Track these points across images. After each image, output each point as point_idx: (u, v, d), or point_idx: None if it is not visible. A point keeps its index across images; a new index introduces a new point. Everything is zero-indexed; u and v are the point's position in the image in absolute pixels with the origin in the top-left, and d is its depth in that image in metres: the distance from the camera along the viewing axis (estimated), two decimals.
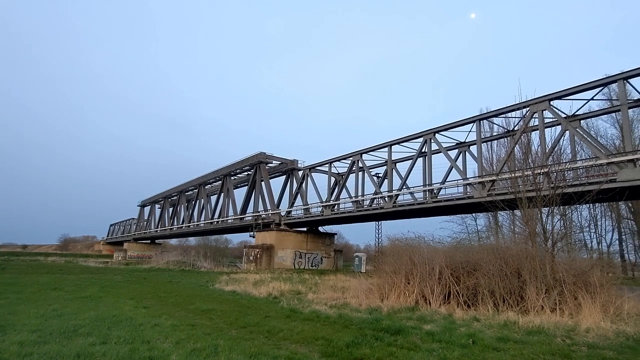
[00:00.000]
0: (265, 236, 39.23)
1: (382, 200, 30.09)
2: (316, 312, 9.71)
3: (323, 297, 12.88)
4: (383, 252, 17.40)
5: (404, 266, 11.75)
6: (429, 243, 12.98)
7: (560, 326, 7.97)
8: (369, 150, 32.41)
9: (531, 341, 6.83)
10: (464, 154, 28.68)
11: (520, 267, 10.22)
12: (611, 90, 23.75)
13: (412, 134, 28.33)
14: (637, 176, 16.57)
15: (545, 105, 20.12)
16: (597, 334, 7.33)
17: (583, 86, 19.41)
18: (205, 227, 53.81)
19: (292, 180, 42.97)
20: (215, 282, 19.01)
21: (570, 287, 9.62)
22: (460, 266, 11.03)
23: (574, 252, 13.34)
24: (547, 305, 9.37)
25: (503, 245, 12.11)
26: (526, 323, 8.20)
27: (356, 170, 33.45)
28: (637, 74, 17.85)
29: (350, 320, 8.56)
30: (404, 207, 28.14)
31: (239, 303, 11.71)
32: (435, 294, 10.73)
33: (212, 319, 8.59)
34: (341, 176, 38.35)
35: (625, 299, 9.76)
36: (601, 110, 22.70)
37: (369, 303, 11.05)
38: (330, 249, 41.59)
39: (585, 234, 34.57)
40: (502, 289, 10.02)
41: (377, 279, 13.09)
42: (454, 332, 7.43)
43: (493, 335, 7.20)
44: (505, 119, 26.77)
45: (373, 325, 7.86)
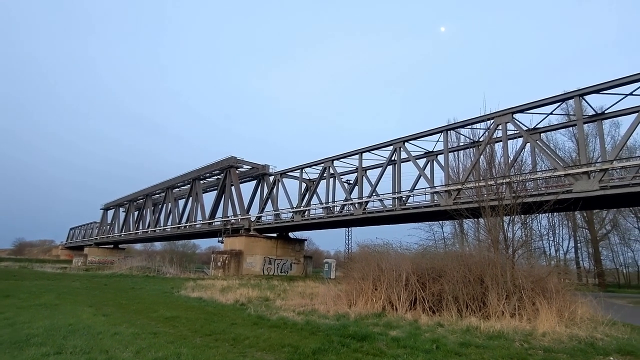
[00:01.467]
0: (234, 242, 38.64)
1: (353, 206, 30.36)
2: (284, 319, 9.65)
3: (291, 303, 12.81)
4: (352, 259, 17.53)
5: (371, 272, 11.88)
6: (397, 250, 13.20)
7: (519, 331, 8.27)
8: (340, 157, 32.71)
9: (491, 346, 7.05)
10: (432, 163, 29.44)
11: (483, 274, 10.55)
12: (569, 105, 25.10)
13: (383, 142, 28.84)
14: (591, 187, 17.56)
15: (509, 118, 21.02)
16: (553, 338, 7.65)
17: (543, 101, 20.45)
18: (172, 231, 52.40)
19: (263, 185, 42.64)
20: (180, 289, 18.52)
21: (528, 293, 10.01)
22: (426, 272, 11.26)
23: (533, 259, 13.88)
24: (507, 310, 9.70)
25: (467, 252, 12.47)
26: (487, 328, 8.45)
27: (327, 177, 33.65)
28: (592, 91, 19.01)
29: (317, 327, 8.55)
30: (373, 213, 28.52)
31: (205, 310, 11.47)
32: (402, 300, 10.90)
33: (176, 327, 8.36)
34: (312, 182, 38.43)
35: (578, 304, 10.24)
36: (559, 124, 23.96)
37: (336, 309, 11.08)
38: (300, 255, 41.46)
39: (544, 241, 36.29)
40: (466, 295, 10.30)
41: (345, 285, 13.15)
42: (418, 337, 7.57)
43: (456, 341, 7.38)
44: (471, 130, 27.80)
45: (340, 332, 7.89)
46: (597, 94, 19.38)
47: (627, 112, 20.35)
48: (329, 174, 33.51)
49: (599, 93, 19.17)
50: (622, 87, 18.63)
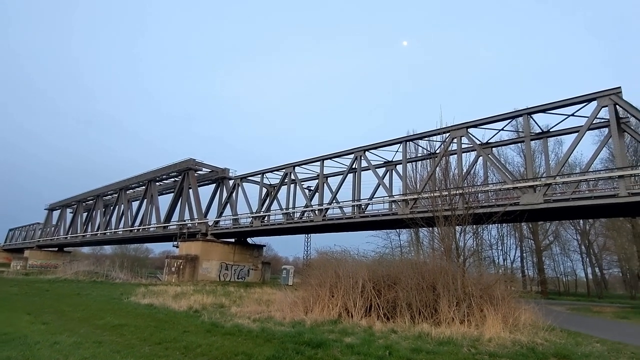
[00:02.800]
0: (190, 246, 37.51)
1: (313, 213, 30.43)
2: (238, 326, 9.47)
3: (247, 310, 12.61)
4: (310, 265, 17.54)
5: (329, 279, 11.95)
6: (354, 257, 13.35)
7: (467, 336, 8.61)
8: (302, 164, 32.76)
9: (441, 351, 7.29)
10: (391, 172, 30.15)
11: (435, 282, 10.91)
12: (518, 122, 26.66)
13: (344, 150, 29.23)
14: (536, 200, 18.71)
15: (463, 132, 22.01)
16: (498, 343, 8.03)
17: (495, 117, 21.62)
18: (124, 235, 50.00)
19: (222, 189, 41.79)
20: (130, 295, 17.69)
21: (477, 300, 10.46)
22: (382, 280, 11.48)
23: (482, 267, 14.55)
24: (457, 317, 10.08)
25: (421, 260, 12.86)
26: (438, 334, 8.74)
27: (288, 183, 33.55)
28: (539, 110, 20.37)
29: (272, 334, 8.46)
30: (333, 221, 28.73)
31: (156, 317, 11.02)
32: (358, 307, 11.03)
33: (123, 335, 7.98)
34: (273, 187, 38.18)
35: (522, 310, 10.84)
36: (509, 140, 25.42)
37: (293, 316, 11.03)
38: (258, 261, 40.91)
39: (494, 251, 38.14)
40: (419, 302, 10.60)
41: (302, 292, 13.13)
42: (372, 344, 7.68)
43: (408, 347, 7.57)
44: (429, 142, 28.76)
45: (295, 339, 7.85)
46: (544, 113, 20.78)
47: (569, 132, 21.96)
48: (290, 179, 33.44)
49: (545, 112, 20.56)
50: (565, 108, 20.08)
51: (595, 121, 19.18)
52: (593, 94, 18.63)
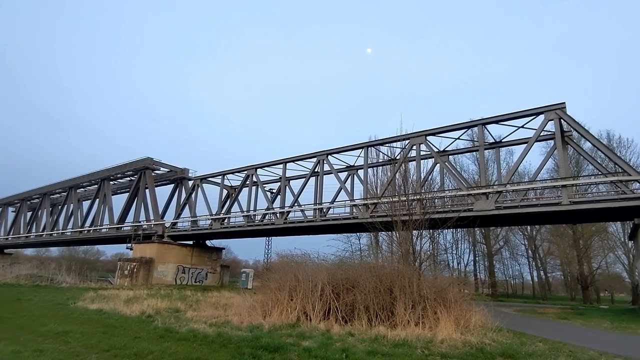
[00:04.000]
0: (144, 249, 36.06)
1: (274, 216, 30.25)
2: (194, 331, 9.21)
3: (203, 314, 12.31)
4: (270, 269, 17.40)
5: (288, 283, 11.91)
6: (314, 260, 13.40)
7: (421, 338, 8.86)
8: (265, 166, 32.52)
9: (396, 353, 7.46)
10: (352, 176, 30.57)
11: (392, 285, 11.16)
12: (473, 132, 27.93)
13: (307, 154, 29.32)
14: (488, 207, 19.65)
15: (422, 140, 22.76)
16: (450, 345, 8.32)
17: (452, 126, 22.53)
18: (73, 236, 47.26)
19: (180, 190, 40.60)
20: (78, 300, 16.75)
21: (431, 303, 10.80)
22: (341, 283, 11.59)
23: (438, 271, 15.05)
24: (412, 319, 10.36)
25: (380, 264, 13.12)
26: (394, 336, 8.93)
27: (250, 185, 33.15)
28: (492, 121, 21.46)
29: (229, 339, 8.31)
30: (294, 224, 28.70)
31: (105, 323, 10.50)
32: (316, 310, 11.07)
33: (68, 343, 7.55)
34: (234, 189, 37.56)
35: (473, 312, 11.32)
36: (465, 148, 26.55)
37: (251, 320, 10.89)
38: (217, 264, 40.04)
39: (448, 254, 39.59)
40: (376, 305, 10.80)
41: (261, 295, 13.01)
42: (329, 347, 7.73)
43: (364, 349, 7.68)
44: (390, 148, 29.50)
45: (252, 344, 7.76)
46: (497, 124, 21.93)
47: (519, 143, 23.25)
48: (251, 181, 33.06)
49: (498, 123, 21.70)
50: (516, 120, 21.29)
51: (542, 133, 20.46)
52: (541, 108, 19.88)
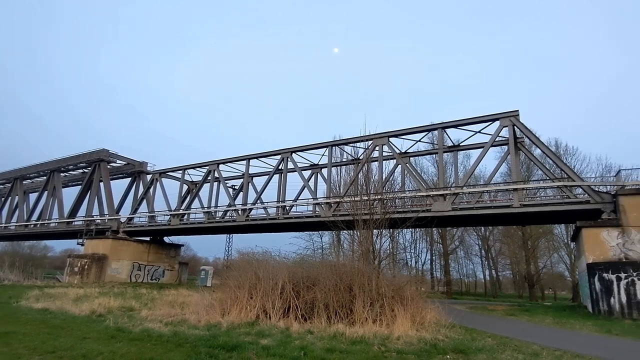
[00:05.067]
0: (97, 245, 34.45)
1: (236, 213, 29.81)
2: (148, 331, 8.92)
3: (159, 313, 11.92)
4: (230, 266, 17.16)
5: (248, 281, 11.80)
6: (275, 258, 13.34)
7: (378, 335, 9.06)
8: (227, 161, 31.97)
9: (354, 350, 7.59)
10: (316, 175, 30.71)
11: (352, 283, 11.33)
12: (433, 135, 28.84)
13: (271, 151, 29.13)
14: (445, 208, 20.38)
15: (385, 141, 23.25)
16: (405, 341, 8.57)
17: (414, 129, 23.18)
18: (17, 230, 44.30)
19: (138, 184, 39.12)
20: (21, 299, 15.74)
21: (389, 301, 11.07)
22: (302, 281, 11.63)
23: (396, 269, 15.45)
24: (370, 316, 10.58)
25: (340, 262, 13.27)
26: (352, 334, 9.07)
27: (212, 180, 32.47)
28: (451, 125, 22.28)
29: (185, 338, 8.12)
30: (256, 221, 28.44)
31: (50, 323, 9.93)
32: (276, 309, 11.03)
33: (9, 344, 7.07)
34: (195, 185, 36.65)
35: (428, 310, 11.71)
36: (425, 151, 27.39)
37: (209, 319, 10.68)
38: (175, 262, 38.93)
39: (407, 253, 40.71)
40: (336, 303, 10.92)
41: (220, 293, 12.79)
42: (288, 345, 7.74)
43: (323, 347, 7.75)
44: (354, 148, 29.87)
45: (209, 343, 7.62)
46: (455, 129, 22.77)
47: (476, 147, 24.29)
48: (213, 177, 32.38)
49: (457, 128, 22.55)
50: (474, 125, 22.21)
51: (497, 139, 21.48)
52: (496, 115, 20.86)
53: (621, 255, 16.54)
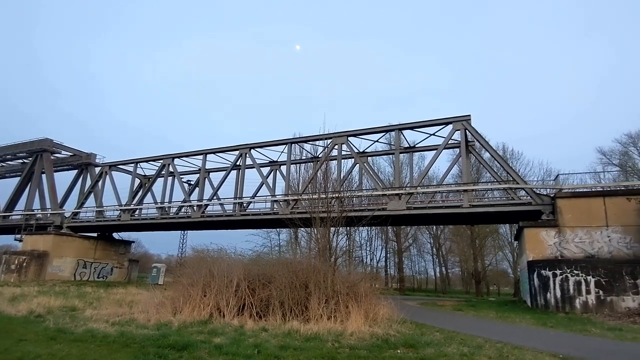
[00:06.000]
0: (37, 240, 32.20)
1: (191, 209, 28.99)
2: (92, 331, 8.48)
3: (105, 313, 11.37)
4: (184, 264, 16.69)
5: (202, 278, 11.54)
6: (231, 255, 13.15)
7: (332, 332, 9.18)
8: (183, 156, 31.01)
9: (308, 347, 7.64)
10: (275, 172, 30.51)
11: (308, 280, 11.39)
12: (391, 136, 29.60)
13: (229, 146, 28.61)
14: (400, 207, 21.00)
15: (344, 140, 23.55)
16: (358, 337, 8.74)
17: (372, 129, 23.67)
18: None
19: (85, 177, 36.97)
20: None
21: (344, 297, 11.24)
22: (257, 278, 11.54)
23: (352, 266, 15.70)
24: (325, 313, 10.69)
25: (296, 259, 13.30)
26: (307, 330, 9.13)
27: (166, 175, 31.33)
28: (407, 127, 22.99)
29: (132, 338, 7.80)
30: (212, 217, 27.82)
31: None
32: (231, 306, 10.87)
33: None
34: (148, 179, 35.19)
35: (381, 306, 12.01)
36: (383, 151, 28.03)
37: (159, 318, 10.34)
38: (125, 259, 37.24)
39: (363, 251, 41.52)
40: (291, 300, 10.94)
41: (172, 291, 12.42)
42: (242, 343, 7.66)
43: (277, 344, 7.74)
44: (313, 146, 30.00)
45: (158, 342, 7.38)
46: (412, 130, 23.51)
47: (430, 149, 25.20)
48: (167, 171, 31.26)
49: (413, 130, 23.30)
50: (429, 127, 23.04)
51: (450, 142, 22.41)
52: (450, 119, 21.76)
53: (557, 253, 17.85)
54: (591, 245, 17.51)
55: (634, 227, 17.10)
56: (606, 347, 8.83)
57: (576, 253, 17.57)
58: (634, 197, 17.52)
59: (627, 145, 36.01)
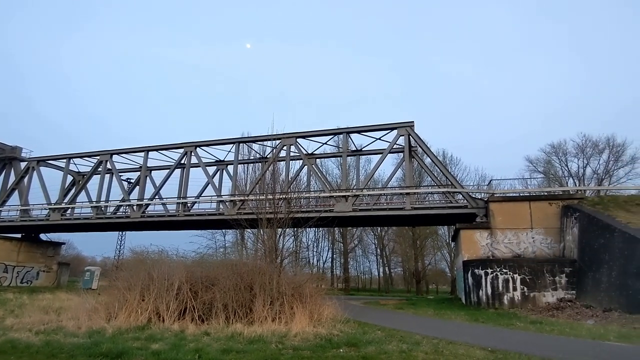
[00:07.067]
0: None
1: (130, 208, 27.49)
2: (12, 342, 7.77)
3: (29, 321, 10.45)
4: (121, 266, 15.80)
5: (140, 281, 10.99)
6: (173, 257, 12.67)
7: (276, 333, 9.16)
8: (122, 152, 29.37)
9: (251, 349, 7.56)
10: (221, 171, 29.82)
11: (253, 282, 11.28)
12: (339, 139, 30.15)
13: (174, 144, 27.57)
14: (346, 209, 21.46)
15: (293, 141, 23.62)
16: (302, 337, 8.81)
17: (321, 132, 23.99)
18: None
19: (9, 172, 33.69)
20: None
21: (289, 299, 11.27)
22: (200, 281, 11.22)
23: (298, 267, 15.75)
24: (270, 315, 10.65)
25: (242, 261, 13.10)
26: (250, 333, 9.03)
27: (103, 172, 29.45)
28: (355, 131, 23.60)
29: (60, 348, 7.26)
30: (154, 218, 26.60)
31: None
32: (171, 310, 10.48)
33: None
34: (82, 176, 32.85)
35: (326, 306, 12.18)
36: (331, 153, 28.48)
37: (91, 325, 9.70)
38: (53, 262, 34.44)
39: (310, 252, 41.79)
40: (235, 303, 10.76)
41: (106, 296, 11.72)
42: (182, 348, 7.42)
43: (219, 348, 7.58)
44: (262, 146, 29.72)
45: (90, 351, 6.93)
46: (359, 134, 24.11)
47: (376, 153, 25.99)
48: (104, 168, 29.39)
49: (360, 133, 23.92)
50: (375, 132, 23.77)
51: (395, 146, 23.29)
52: (395, 124, 22.63)
53: (489, 253, 19.19)
54: (518, 246, 19.05)
55: (554, 229, 18.85)
56: (527, 339, 9.66)
57: (505, 253, 19.02)
58: (555, 202, 19.33)
59: (550, 155, 39.70)
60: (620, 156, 36.67)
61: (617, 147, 36.69)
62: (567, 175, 38.38)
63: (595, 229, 16.36)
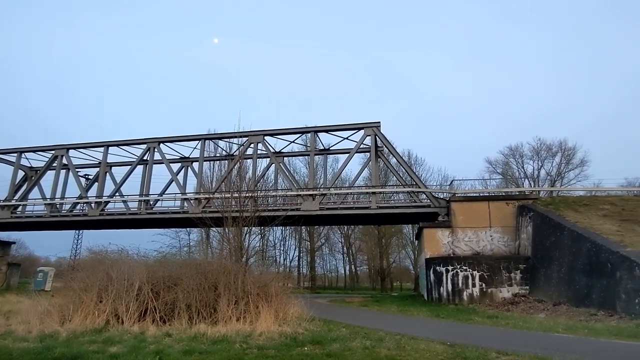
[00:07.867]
0: None
1: (88, 206, 26.29)
2: None
3: None
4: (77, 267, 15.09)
5: (98, 282, 10.56)
6: (133, 257, 12.25)
7: (241, 333, 9.07)
8: (80, 147, 28.03)
9: (215, 350, 7.44)
10: (186, 169, 29.10)
11: (217, 281, 11.10)
12: (307, 138, 30.19)
13: (135, 139, 26.64)
14: (313, 207, 21.54)
15: (260, 139, 23.43)
16: (267, 337, 8.77)
17: (289, 130, 23.92)
18: None
19: None
20: None
21: (254, 298, 11.17)
22: (162, 281, 10.92)
23: (265, 266, 15.64)
24: (234, 315, 10.51)
25: (206, 260, 12.87)
26: (214, 333, 8.89)
27: (58, 167, 27.97)
28: (323, 130, 23.74)
29: (8, 354, 6.85)
30: (113, 216, 25.59)
31: None
32: (131, 312, 10.13)
33: None
34: (35, 171, 31.06)
35: (292, 305, 12.18)
36: (298, 152, 28.46)
37: (43, 328, 9.22)
38: (3, 262, 32.31)
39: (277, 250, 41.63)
40: (199, 303, 10.55)
41: (60, 298, 11.18)
42: (141, 350, 7.20)
43: (181, 349, 7.41)
44: (228, 144, 29.26)
45: (41, 356, 6.58)
46: (327, 133, 24.24)
47: (344, 152, 26.23)
48: (60, 164, 27.93)
49: (327, 133, 24.06)
50: (343, 131, 23.98)
51: (362, 146, 23.60)
52: (362, 124, 22.93)
53: (450, 251, 19.86)
54: (477, 244, 19.83)
55: (510, 228, 19.78)
56: (484, 333, 10.11)
57: (465, 251, 19.75)
58: (511, 202, 20.28)
59: (508, 157, 41.64)
60: (571, 159, 39.09)
61: (568, 151, 39.12)
62: (523, 177, 40.42)
63: (547, 228, 17.31)
